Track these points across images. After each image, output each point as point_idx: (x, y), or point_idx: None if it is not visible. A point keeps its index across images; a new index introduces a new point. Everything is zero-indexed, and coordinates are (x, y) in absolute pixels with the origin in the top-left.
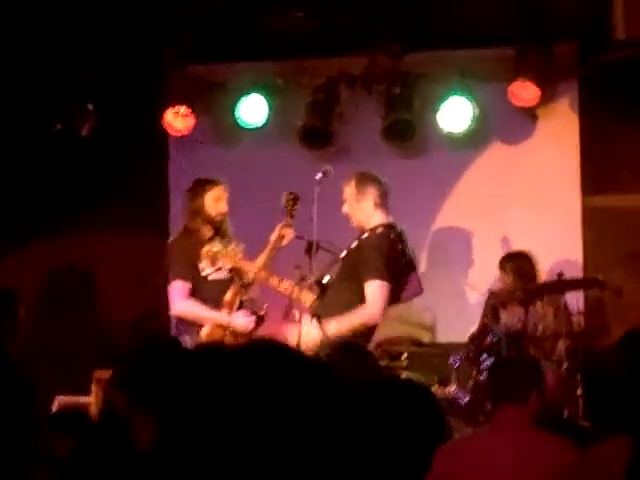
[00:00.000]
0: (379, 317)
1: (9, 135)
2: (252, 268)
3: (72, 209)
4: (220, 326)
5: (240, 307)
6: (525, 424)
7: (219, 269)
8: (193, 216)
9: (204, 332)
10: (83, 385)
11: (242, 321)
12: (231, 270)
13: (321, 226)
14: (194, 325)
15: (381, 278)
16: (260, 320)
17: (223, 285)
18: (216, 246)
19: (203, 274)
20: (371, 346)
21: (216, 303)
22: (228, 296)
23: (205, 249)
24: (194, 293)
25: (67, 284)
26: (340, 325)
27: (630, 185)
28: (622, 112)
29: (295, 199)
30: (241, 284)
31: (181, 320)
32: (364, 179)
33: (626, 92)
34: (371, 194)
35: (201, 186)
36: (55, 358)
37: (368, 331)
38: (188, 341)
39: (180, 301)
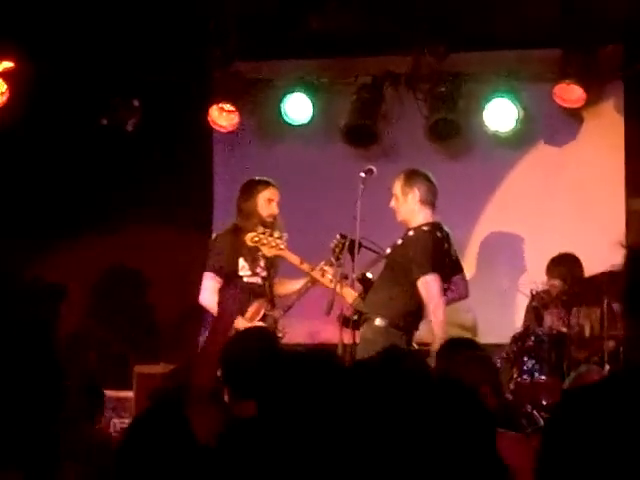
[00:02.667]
0: (443, 309)
1: (56, 130)
2: (294, 259)
3: (118, 205)
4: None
5: (262, 320)
6: None
7: (256, 274)
8: (245, 216)
9: None
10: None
11: None
12: (264, 278)
13: (364, 225)
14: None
15: (432, 272)
16: (278, 336)
17: (255, 290)
18: (261, 233)
19: (240, 273)
20: (414, 344)
21: (244, 305)
22: (253, 306)
23: (250, 235)
24: (227, 290)
25: (113, 279)
26: (437, 334)
27: None
28: None
29: (344, 245)
30: (269, 299)
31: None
32: (413, 175)
33: None
34: (418, 190)
35: (254, 186)
36: (100, 352)
37: (411, 325)
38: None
39: (209, 294)
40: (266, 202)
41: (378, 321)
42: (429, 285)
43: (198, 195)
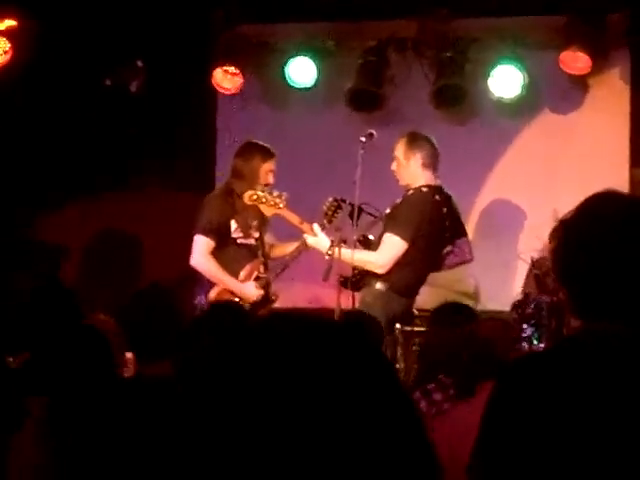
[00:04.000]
0: (382, 269)
1: (59, 90)
2: (294, 218)
3: (120, 165)
4: (229, 291)
5: (255, 281)
6: None
7: (249, 235)
8: (243, 180)
9: (213, 293)
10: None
11: (252, 291)
12: (257, 239)
13: (364, 189)
14: (209, 284)
15: (400, 235)
16: (269, 302)
17: (249, 251)
18: (260, 191)
19: (233, 235)
20: (414, 310)
21: (238, 266)
22: (247, 268)
23: (248, 193)
24: (219, 252)
25: (113, 242)
26: (351, 255)
27: None
28: None
29: (337, 207)
30: (262, 260)
31: (201, 277)
32: (415, 138)
33: None
34: (420, 153)
35: (258, 154)
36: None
37: (411, 290)
38: (200, 300)
39: (200, 256)
40: (266, 172)
41: (378, 285)
42: (390, 244)
43: (201, 157)
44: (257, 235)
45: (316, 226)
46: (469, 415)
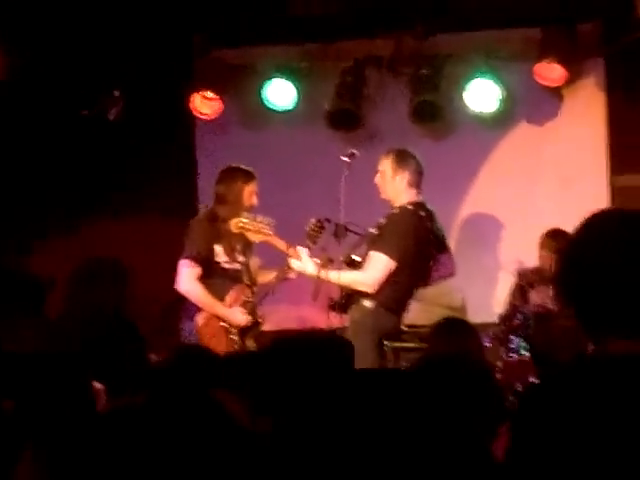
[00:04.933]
0: (370, 288)
1: (37, 120)
2: (281, 244)
3: (100, 194)
4: (216, 317)
5: (242, 306)
6: None
7: (234, 260)
8: (226, 204)
9: (200, 319)
10: None
11: (239, 317)
12: (242, 264)
13: (348, 209)
14: (195, 309)
15: (388, 254)
16: (256, 326)
17: (234, 276)
18: (246, 218)
19: (217, 260)
20: (402, 327)
21: (223, 292)
22: (233, 292)
23: (235, 221)
24: (205, 277)
25: (96, 269)
26: (338, 276)
27: None
28: None
29: (321, 228)
30: (248, 285)
31: (188, 303)
32: (404, 155)
33: None
34: (408, 171)
35: (239, 176)
36: None
37: (400, 306)
38: (187, 326)
39: (186, 281)
40: (249, 195)
41: (366, 302)
42: (377, 262)
43: (181, 183)
44: (242, 259)
45: (301, 249)
46: None
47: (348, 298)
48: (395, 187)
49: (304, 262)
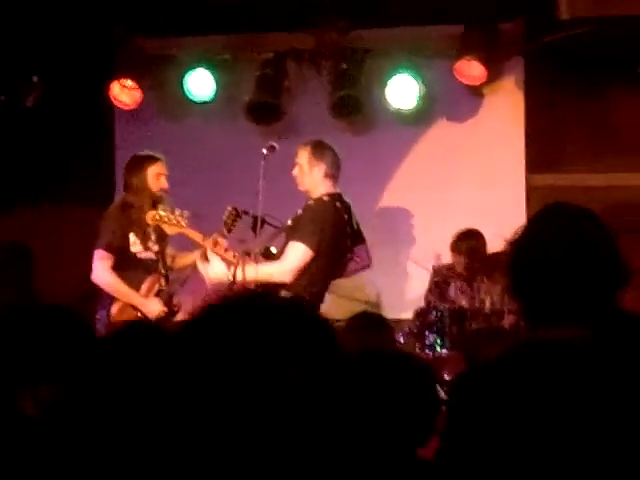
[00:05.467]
0: (288, 278)
1: None
2: (196, 236)
3: (16, 182)
4: (132, 306)
5: (156, 295)
6: None
7: (148, 248)
8: (134, 191)
9: (115, 308)
10: None
11: (154, 308)
12: (157, 253)
13: (267, 201)
14: (110, 298)
15: (306, 243)
16: (172, 315)
17: (149, 265)
18: (162, 211)
19: (132, 250)
20: None
21: (138, 280)
22: (147, 282)
23: (151, 213)
24: (119, 266)
25: (8, 257)
26: (254, 274)
27: (574, 164)
28: (567, 91)
29: (236, 216)
30: (162, 274)
31: (103, 292)
32: (321, 146)
33: (571, 71)
34: (325, 162)
35: (142, 162)
36: None
37: (316, 298)
38: (102, 315)
39: (101, 271)
40: (155, 177)
41: (283, 293)
42: (295, 251)
43: (100, 172)
44: (157, 249)
45: (209, 252)
46: None
47: (264, 288)
48: (312, 179)
49: (211, 265)
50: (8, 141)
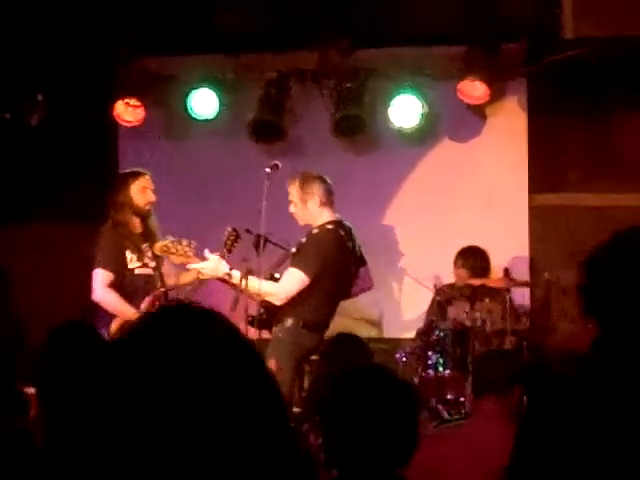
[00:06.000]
0: (279, 301)
1: None
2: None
3: (19, 200)
4: (132, 322)
5: None
6: (504, 417)
7: (145, 265)
8: (120, 208)
9: (114, 326)
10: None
11: None
12: (154, 269)
13: (270, 220)
14: (110, 316)
15: (304, 271)
16: None
17: (148, 280)
18: (170, 243)
19: (130, 266)
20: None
21: (138, 297)
22: (147, 300)
23: (158, 245)
24: (119, 284)
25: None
26: (251, 282)
27: (576, 184)
28: (570, 111)
29: (236, 237)
30: (162, 292)
31: (102, 311)
32: (308, 178)
33: (574, 91)
34: (316, 193)
35: (125, 179)
36: None
37: (321, 325)
38: (104, 333)
39: (100, 289)
40: (140, 191)
41: (289, 321)
42: (291, 277)
43: (103, 190)
44: (154, 264)
45: (207, 252)
46: None
47: (268, 316)
48: (309, 212)
49: (210, 262)
50: (12, 159)
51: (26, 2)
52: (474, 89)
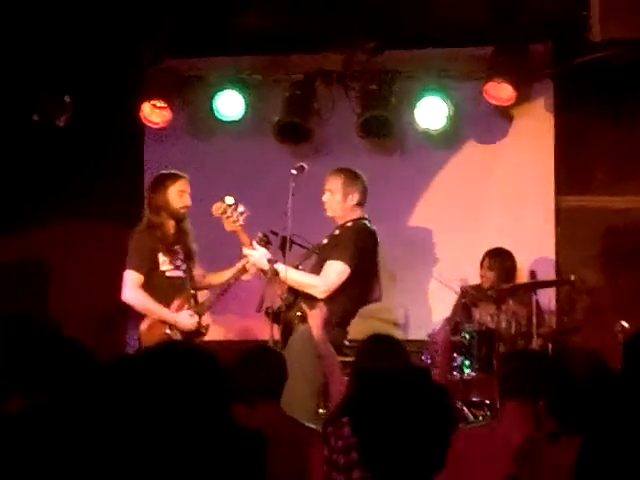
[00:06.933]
0: (324, 293)
1: None
2: (245, 240)
3: (48, 200)
4: (162, 322)
5: None
6: (527, 422)
7: (177, 267)
8: (156, 210)
9: (144, 325)
10: None
11: (186, 319)
12: (185, 271)
13: (295, 222)
14: (140, 317)
15: (346, 262)
16: (200, 335)
17: (179, 283)
18: (227, 205)
19: (162, 268)
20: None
21: (168, 298)
22: (177, 301)
23: (216, 205)
24: (149, 286)
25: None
26: (293, 274)
27: (603, 186)
28: (596, 113)
29: (267, 242)
30: (192, 294)
31: (133, 311)
32: (354, 175)
33: (601, 93)
34: (358, 191)
35: (163, 180)
36: None
37: (345, 323)
38: (133, 334)
39: (130, 290)
40: (177, 194)
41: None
42: (333, 269)
43: (129, 191)
44: (185, 267)
45: (255, 243)
46: None
47: (287, 309)
48: (345, 206)
49: (260, 254)
50: (40, 160)
51: (53, 3)
52: (501, 90)
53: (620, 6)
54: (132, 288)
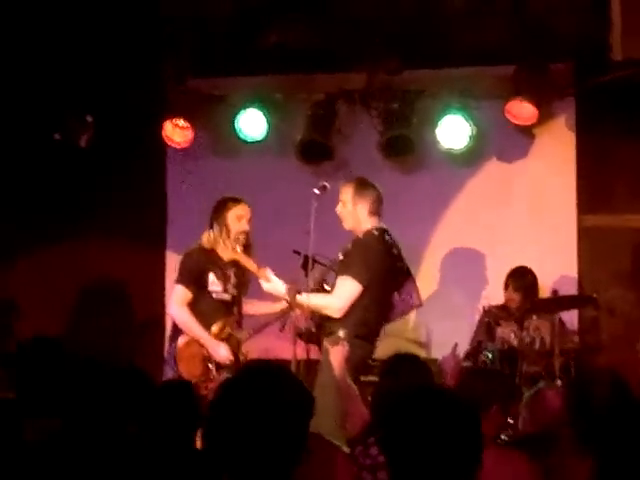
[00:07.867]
0: (337, 313)
1: (7, 145)
2: (250, 265)
3: (70, 220)
4: (198, 343)
5: (226, 340)
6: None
7: (225, 290)
8: (215, 231)
9: (181, 341)
10: None
11: (222, 353)
12: (234, 297)
13: (318, 241)
14: (179, 332)
15: (355, 278)
16: (238, 364)
17: (224, 307)
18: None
19: (210, 289)
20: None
21: (211, 319)
22: (219, 323)
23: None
24: (195, 305)
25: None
26: (307, 299)
27: (625, 205)
28: (618, 132)
29: (306, 264)
30: (236, 319)
31: (174, 325)
32: (364, 184)
33: (623, 112)
34: (368, 200)
35: (225, 203)
36: None
37: (371, 338)
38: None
39: (176, 305)
40: (236, 219)
41: (341, 332)
42: (344, 286)
43: (152, 211)
44: (235, 292)
45: (269, 271)
46: None
47: (317, 328)
48: (356, 216)
49: (274, 283)
50: (62, 179)
51: (74, 23)
52: (522, 109)
53: None
54: (178, 304)
